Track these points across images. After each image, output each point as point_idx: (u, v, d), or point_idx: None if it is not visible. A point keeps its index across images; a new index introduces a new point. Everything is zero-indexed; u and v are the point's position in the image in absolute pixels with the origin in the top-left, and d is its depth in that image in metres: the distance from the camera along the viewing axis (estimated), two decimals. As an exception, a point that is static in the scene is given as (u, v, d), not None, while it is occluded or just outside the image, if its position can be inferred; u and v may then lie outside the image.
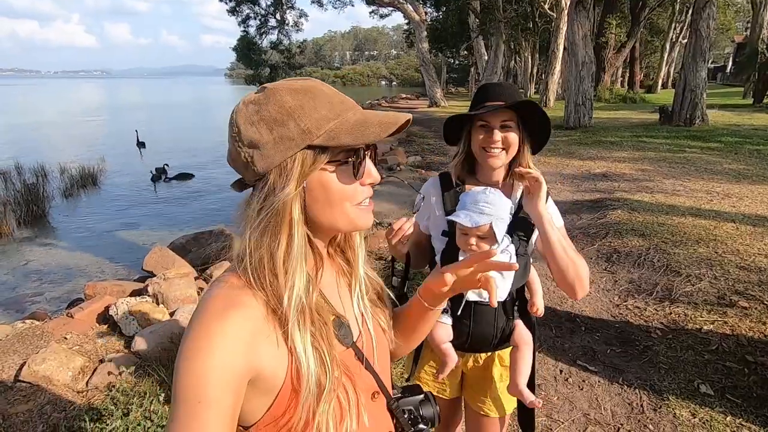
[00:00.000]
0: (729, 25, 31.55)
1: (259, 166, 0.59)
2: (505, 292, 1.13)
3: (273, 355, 0.59)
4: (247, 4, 15.56)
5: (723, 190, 5.63)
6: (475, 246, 1.06)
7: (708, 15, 10.45)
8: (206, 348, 0.54)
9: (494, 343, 1.22)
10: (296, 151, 0.59)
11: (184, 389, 0.53)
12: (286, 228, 0.60)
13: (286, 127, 0.58)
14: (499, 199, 1.07)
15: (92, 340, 3.01)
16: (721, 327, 2.78)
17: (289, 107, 0.59)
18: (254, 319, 0.58)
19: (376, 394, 0.73)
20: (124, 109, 35.98)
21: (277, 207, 0.59)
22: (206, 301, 0.59)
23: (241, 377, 0.56)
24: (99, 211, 8.71)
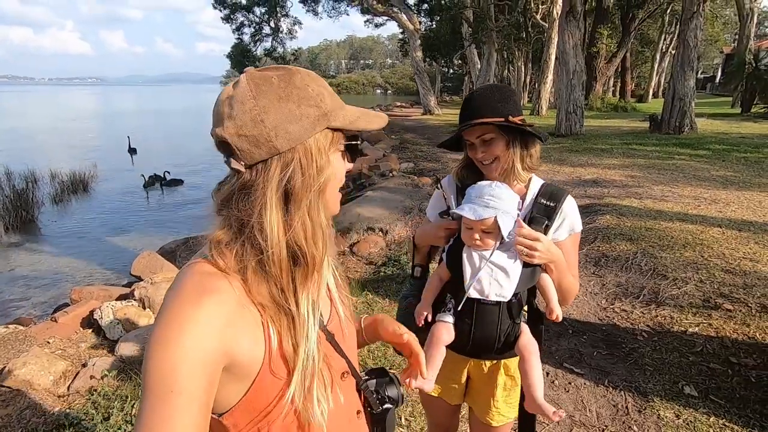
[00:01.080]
0: (717, 36, 32.16)
1: (280, 143, 0.58)
2: (510, 292, 1.06)
3: (249, 341, 0.59)
4: (242, 11, 15.66)
5: (710, 196, 5.69)
6: (479, 241, 1.04)
7: (695, 26, 10.65)
8: (178, 335, 0.53)
9: (498, 348, 1.14)
10: (318, 130, 0.61)
11: (156, 378, 0.52)
12: (318, 202, 0.62)
13: (310, 107, 0.60)
14: (505, 193, 1.05)
15: (75, 344, 2.98)
16: (706, 329, 2.80)
17: (311, 89, 0.61)
18: (228, 304, 0.58)
19: (345, 374, 0.74)
20: (117, 115, 35.90)
21: (310, 183, 0.60)
22: (178, 287, 0.58)
23: (215, 364, 0.55)
24: (89, 216, 8.65)
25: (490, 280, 1.05)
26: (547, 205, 1.18)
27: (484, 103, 1.15)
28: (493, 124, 1.12)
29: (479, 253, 1.05)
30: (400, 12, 20.29)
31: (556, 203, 1.18)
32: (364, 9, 22.42)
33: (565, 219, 1.19)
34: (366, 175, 8.49)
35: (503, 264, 1.04)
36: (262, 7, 15.59)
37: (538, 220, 1.15)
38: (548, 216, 1.17)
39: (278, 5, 15.73)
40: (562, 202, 1.18)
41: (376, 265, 4.39)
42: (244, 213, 0.59)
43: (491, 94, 1.16)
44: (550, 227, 1.17)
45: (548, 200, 1.18)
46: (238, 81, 0.60)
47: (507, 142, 1.15)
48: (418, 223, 5.49)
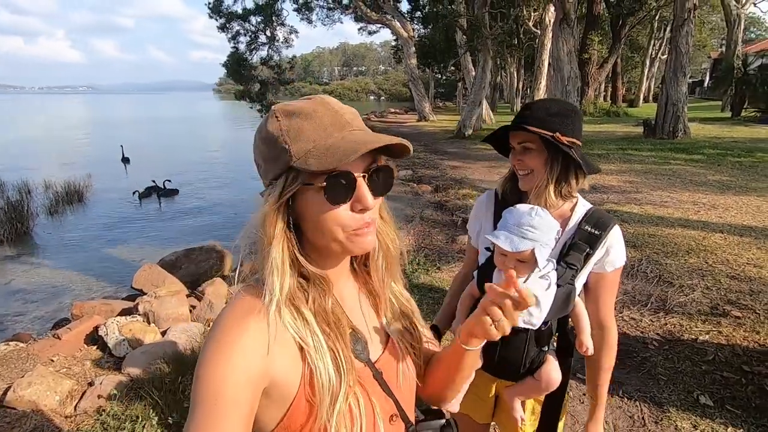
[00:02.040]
0: (705, 41, 32.75)
1: (263, 182, 0.65)
2: (539, 321, 1.03)
3: (288, 364, 0.61)
4: (237, 20, 15.66)
5: (709, 201, 5.75)
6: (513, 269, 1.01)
7: (686, 32, 10.83)
8: (225, 353, 0.57)
9: (522, 373, 1.13)
10: (279, 172, 0.61)
11: (203, 391, 0.56)
12: (267, 241, 0.62)
13: (275, 148, 0.61)
14: (545, 223, 0.97)
15: (81, 362, 2.92)
16: (716, 337, 2.81)
17: (277, 128, 0.61)
18: (272, 328, 0.60)
19: (395, 417, 0.72)
20: (110, 124, 35.68)
21: (259, 221, 0.62)
22: (226, 310, 0.62)
23: (257, 381, 0.58)
24: (85, 228, 8.54)
25: None
26: (591, 232, 1.11)
27: (538, 112, 1.10)
28: (537, 135, 1.08)
29: None
30: (394, 19, 20.42)
31: (601, 232, 1.11)
32: (358, 17, 22.54)
33: (610, 250, 1.12)
34: (365, 183, 8.48)
35: (533, 290, 1.00)
36: (258, 16, 15.61)
37: (579, 247, 1.10)
38: (591, 244, 1.10)
39: (274, 14, 15.76)
40: (608, 231, 1.11)
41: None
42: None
43: (551, 106, 1.12)
44: (591, 256, 1.11)
45: (593, 227, 1.11)
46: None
47: (546, 159, 1.11)
48: (420, 231, 5.49)
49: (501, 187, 1.25)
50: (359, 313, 0.72)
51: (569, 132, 1.08)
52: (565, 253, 1.10)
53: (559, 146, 1.07)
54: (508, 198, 1.21)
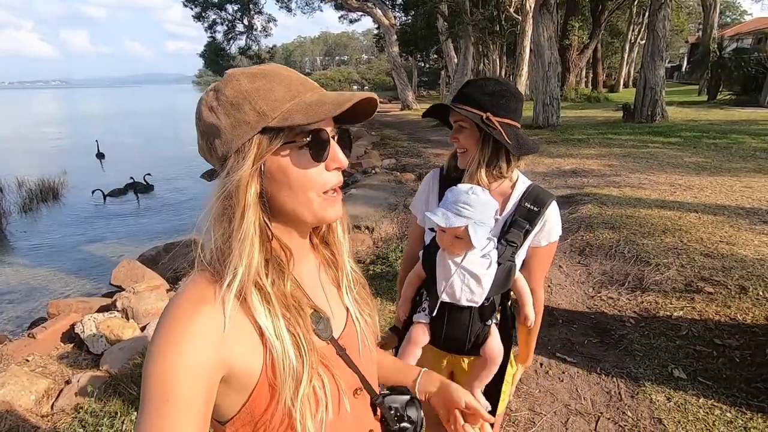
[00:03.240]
0: (682, 26, 33.18)
1: (220, 152, 0.59)
2: (481, 298, 1.07)
3: (246, 351, 0.58)
4: (213, 9, 15.26)
5: (685, 182, 5.88)
6: (449, 244, 1.04)
7: (663, 16, 10.95)
8: (174, 346, 0.53)
9: (468, 348, 1.16)
10: (252, 134, 0.57)
11: (152, 386, 0.52)
12: (240, 211, 0.58)
13: (241, 111, 0.58)
14: (480, 201, 1.01)
15: (57, 360, 2.85)
16: (690, 312, 2.89)
17: (245, 90, 0.58)
18: (227, 311, 0.57)
19: (359, 391, 0.72)
20: (84, 119, 34.65)
21: (229, 189, 0.58)
22: (175, 299, 0.58)
23: (213, 373, 0.55)
24: (61, 225, 8.31)
25: (461, 286, 1.06)
26: (530, 209, 1.15)
27: (473, 91, 1.13)
28: (466, 116, 1.10)
29: (452, 259, 1.05)
30: (375, 7, 20.18)
31: (540, 208, 1.15)
32: (338, 5, 22.20)
33: (545, 225, 1.17)
34: (348, 173, 8.42)
35: (475, 270, 1.05)
36: (235, 5, 15.23)
37: (519, 224, 1.14)
38: (530, 221, 1.14)
39: (251, 2, 15.40)
40: (546, 207, 1.15)
41: (364, 264, 4.36)
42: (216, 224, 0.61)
43: (486, 84, 1.13)
44: (530, 232, 1.15)
45: (532, 204, 1.15)
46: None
47: (478, 139, 1.13)
48: (404, 219, 5.49)
49: (446, 164, 1.27)
50: (320, 289, 0.71)
51: (503, 113, 1.10)
52: (506, 230, 1.14)
53: (488, 127, 1.09)
54: (452, 175, 1.23)
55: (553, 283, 3.56)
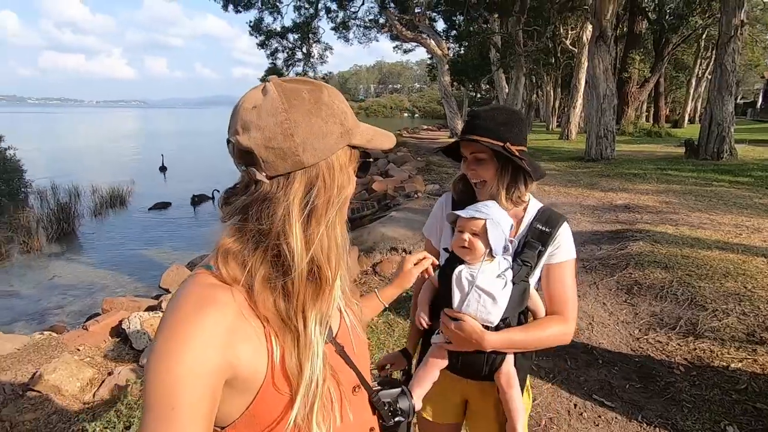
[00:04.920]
0: (758, 61, 31.13)
1: (306, 158, 0.58)
2: (497, 318, 1.05)
3: (251, 354, 0.57)
4: (276, 38, 16.38)
5: (753, 224, 5.39)
6: (467, 243, 1.05)
7: (733, 50, 10.36)
8: (179, 350, 0.52)
9: (485, 373, 1.13)
10: (341, 147, 0.61)
11: (157, 395, 0.51)
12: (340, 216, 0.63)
13: (335, 124, 0.60)
14: (496, 207, 1.08)
15: (103, 352, 3.06)
16: (751, 365, 2.61)
17: (336, 106, 0.61)
18: (230, 317, 0.56)
19: (357, 388, 0.73)
20: (156, 136, 37.76)
21: (332, 200, 0.60)
22: (179, 299, 0.56)
23: (218, 378, 0.54)
24: (125, 229, 9.02)
25: (477, 306, 1.04)
26: (542, 230, 1.15)
27: (487, 122, 1.13)
28: (488, 147, 1.10)
29: (467, 278, 1.05)
30: (429, 38, 20.71)
31: (551, 229, 1.15)
32: (394, 35, 23.01)
33: (560, 246, 1.15)
34: (391, 196, 8.53)
35: (490, 289, 1.03)
36: (295, 34, 16.28)
37: (532, 245, 1.13)
38: (543, 242, 1.14)
39: (310, 32, 16.39)
40: (557, 228, 1.15)
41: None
42: (265, 225, 0.58)
43: (497, 115, 1.14)
44: (543, 253, 1.14)
45: (544, 225, 1.15)
46: (265, 89, 0.59)
47: (497, 168, 1.14)
48: (443, 244, 5.44)
49: (453, 188, 1.28)
50: None
51: (517, 140, 1.12)
52: (520, 251, 1.14)
53: (509, 156, 1.10)
54: (462, 198, 1.25)
55: (595, 320, 3.36)
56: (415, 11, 19.40)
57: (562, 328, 1.13)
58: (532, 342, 1.10)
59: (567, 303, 1.15)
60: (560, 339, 1.13)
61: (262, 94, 0.59)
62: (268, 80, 0.61)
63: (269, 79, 0.61)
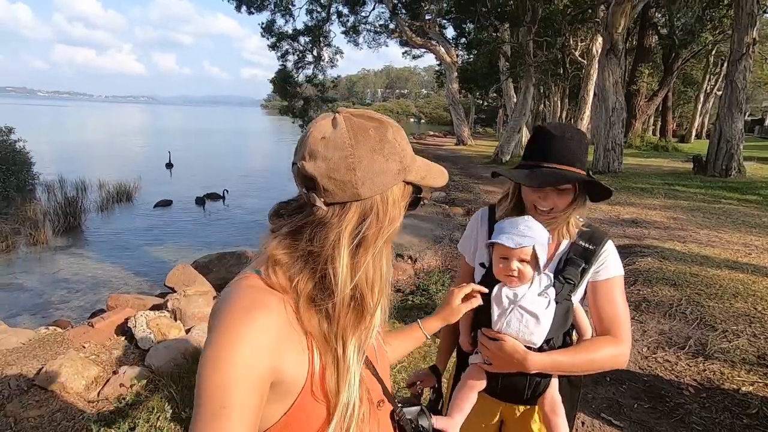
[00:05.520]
0: (766, 78, 31.05)
1: (364, 191, 0.61)
2: (540, 339, 1.00)
3: (295, 360, 0.60)
4: (287, 40, 16.49)
5: (762, 244, 5.35)
6: (516, 272, 0.99)
7: (744, 67, 10.35)
8: (232, 351, 0.54)
9: (527, 397, 1.08)
10: (396, 183, 0.64)
11: (209, 393, 0.53)
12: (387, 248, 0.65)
13: (395, 161, 0.63)
14: (538, 225, 1.01)
15: (109, 350, 3.05)
16: (762, 389, 2.57)
17: (398, 144, 0.64)
18: (279, 322, 0.59)
19: (382, 403, 0.74)
20: (164, 133, 37.98)
21: (382, 232, 0.63)
22: (230, 301, 0.59)
23: (265, 380, 0.57)
24: (130, 225, 9.04)
25: (519, 326, 1.00)
26: (586, 247, 1.09)
27: (571, 149, 1.03)
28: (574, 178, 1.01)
29: (508, 297, 1.01)
30: (438, 45, 20.79)
31: (596, 246, 1.09)
32: (403, 41, 23.12)
33: (605, 263, 1.10)
34: (397, 202, 8.51)
35: (533, 309, 0.99)
36: (307, 37, 16.38)
37: (575, 262, 1.08)
38: (586, 259, 1.08)
39: (321, 35, 16.49)
40: (602, 246, 1.10)
41: (404, 293, 4.33)
42: (316, 247, 0.61)
43: (573, 136, 1.04)
44: (587, 271, 1.09)
45: (588, 243, 1.10)
46: (335, 122, 0.62)
47: (574, 196, 1.07)
48: (449, 253, 5.42)
49: (503, 212, 1.16)
50: None
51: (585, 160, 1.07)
52: (561, 268, 1.08)
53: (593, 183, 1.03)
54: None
55: (603, 336, 3.32)
56: (426, 18, 19.49)
57: (615, 350, 1.03)
58: (580, 365, 1.02)
59: (619, 322, 1.06)
60: (613, 362, 1.04)
61: (332, 125, 0.62)
62: (338, 112, 0.63)
63: (339, 110, 0.64)
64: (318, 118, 0.64)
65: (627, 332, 1.06)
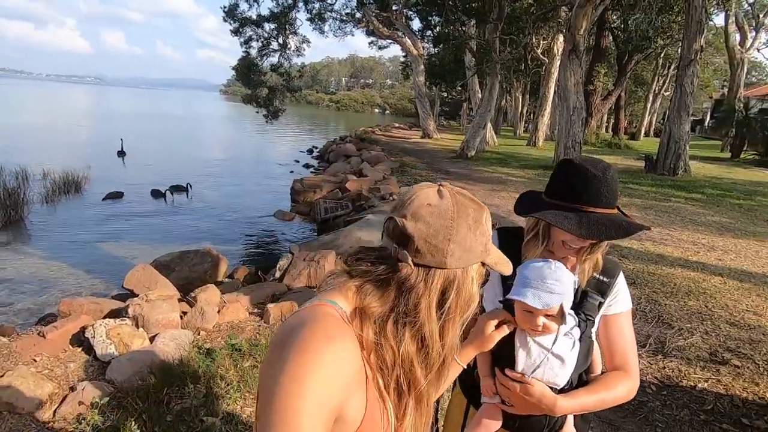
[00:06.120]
0: (708, 82, 33.35)
1: (450, 262, 0.66)
2: (564, 380, 0.98)
3: (358, 401, 0.61)
4: (251, 26, 15.82)
5: (708, 242, 5.76)
6: (541, 327, 0.94)
7: (692, 72, 11.01)
8: (314, 376, 0.55)
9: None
10: (477, 262, 0.70)
11: (285, 414, 0.53)
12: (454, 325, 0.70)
13: (481, 243, 0.69)
14: (566, 275, 0.94)
15: (64, 364, 2.83)
16: (715, 385, 2.76)
17: (487, 229, 0.71)
18: (355, 357, 0.61)
19: None
20: (115, 117, 35.66)
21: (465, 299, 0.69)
22: (311, 324, 0.60)
23: (334, 414, 0.58)
24: (80, 219, 8.44)
25: (544, 369, 0.98)
26: (601, 281, 1.08)
27: (614, 191, 1.00)
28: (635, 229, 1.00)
29: (535, 339, 0.98)
30: (405, 36, 20.69)
31: (610, 279, 1.09)
32: (370, 31, 22.84)
33: (617, 296, 1.10)
34: (366, 197, 8.46)
35: (561, 352, 0.97)
36: (272, 24, 15.78)
37: (592, 297, 1.07)
38: (602, 293, 1.08)
39: (288, 23, 15.94)
40: (616, 278, 1.10)
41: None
42: (410, 309, 0.65)
43: (615, 178, 1.01)
44: (602, 305, 1.08)
45: (602, 275, 1.08)
46: (441, 194, 0.68)
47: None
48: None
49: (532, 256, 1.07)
50: None
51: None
52: (579, 302, 1.06)
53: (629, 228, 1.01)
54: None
55: (571, 336, 3.46)
56: (393, 9, 19.31)
57: (629, 386, 1.06)
58: (600, 405, 1.03)
59: (629, 357, 1.09)
60: (626, 397, 1.07)
61: (438, 195, 0.67)
62: (443, 185, 0.70)
63: (444, 185, 0.70)
64: (424, 185, 0.70)
65: (636, 366, 1.09)
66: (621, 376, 1.06)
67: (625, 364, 1.08)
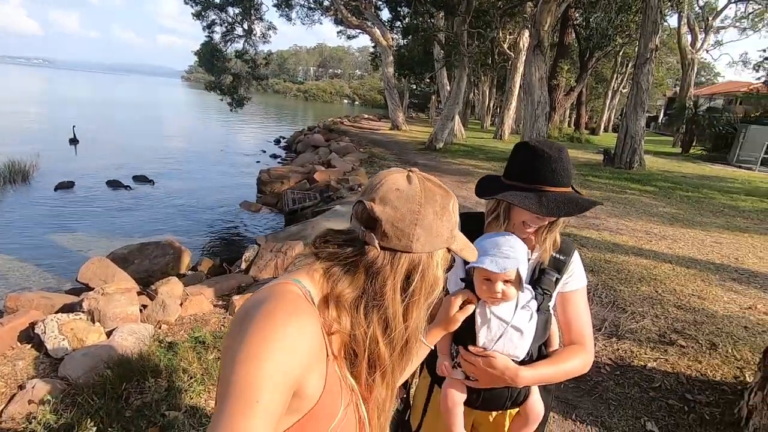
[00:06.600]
0: (662, 80, 35.06)
1: (416, 247, 0.67)
2: (523, 352, 1.03)
3: (317, 377, 0.62)
4: (214, 9, 15.20)
5: (659, 231, 6.10)
6: (501, 294, 0.98)
7: (648, 70, 11.55)
8: (273, 349, 0.55)
9: (507, 405, 1.14)
10: (443, 248, 0.71)
11: (244, 384, 0.53)
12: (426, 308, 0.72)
13: (447, 229, 0.70)
14: (519, 244, 1.01)
15: (11, 361, 2.67)
16: (663, 364, 2.95)
17: (454, 216, 0.72)
18: (317, 336, 0.61)
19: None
20: (66, 102, 33.53)
21: (430, 283, 0.70)
22: (273, 301, 0.60)
23: (293, 385, 0.58)
24: (29, 211, 7.93)
25: (504, 341, 1.02)
26: (557, 258, 1.14)
27: (568, 170, 1.04)
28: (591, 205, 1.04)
29: (496, 314, 1.01)
30: (374, 27, 20.53)
31: (566, 257, 1.15)
32: (338, 20, 22.49)
33: (573, 273, 1.16)
34: (334, 188, 8.40)
35: (519, 324, 1.01)
36: (236, 8, 15.22)
37: (549, 273, 1.12)
38: (558, 270, 1.13)
39: (253, 7, 15.42)
40: (571, 256, 1.16)
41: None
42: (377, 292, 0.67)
43: (568, 158, 1.06)
44: (559, 281, 1.14)
45: (558, 253, 1.14)
46: (410, 179, 0.69)
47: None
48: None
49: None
50: None
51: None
52: (537, 278, 1.12)
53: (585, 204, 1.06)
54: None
55: (532, 321, 3.59)
56: (362, -3, 19.09)
57: (585, 358, 1.12)
58: (559, 376, 1.08)
59: (585, 332, 1.15)
60: (582, 369, 1.12)
61: (407, 181, 0.68)
62: (412, 171, 0.71)
63: (413, 170, 0.71)
64: (393, 170, 0.71)
65: (591, 340, 1.16)
66: (577, 350, 1.13)
67: (581, 338, 1.14)
